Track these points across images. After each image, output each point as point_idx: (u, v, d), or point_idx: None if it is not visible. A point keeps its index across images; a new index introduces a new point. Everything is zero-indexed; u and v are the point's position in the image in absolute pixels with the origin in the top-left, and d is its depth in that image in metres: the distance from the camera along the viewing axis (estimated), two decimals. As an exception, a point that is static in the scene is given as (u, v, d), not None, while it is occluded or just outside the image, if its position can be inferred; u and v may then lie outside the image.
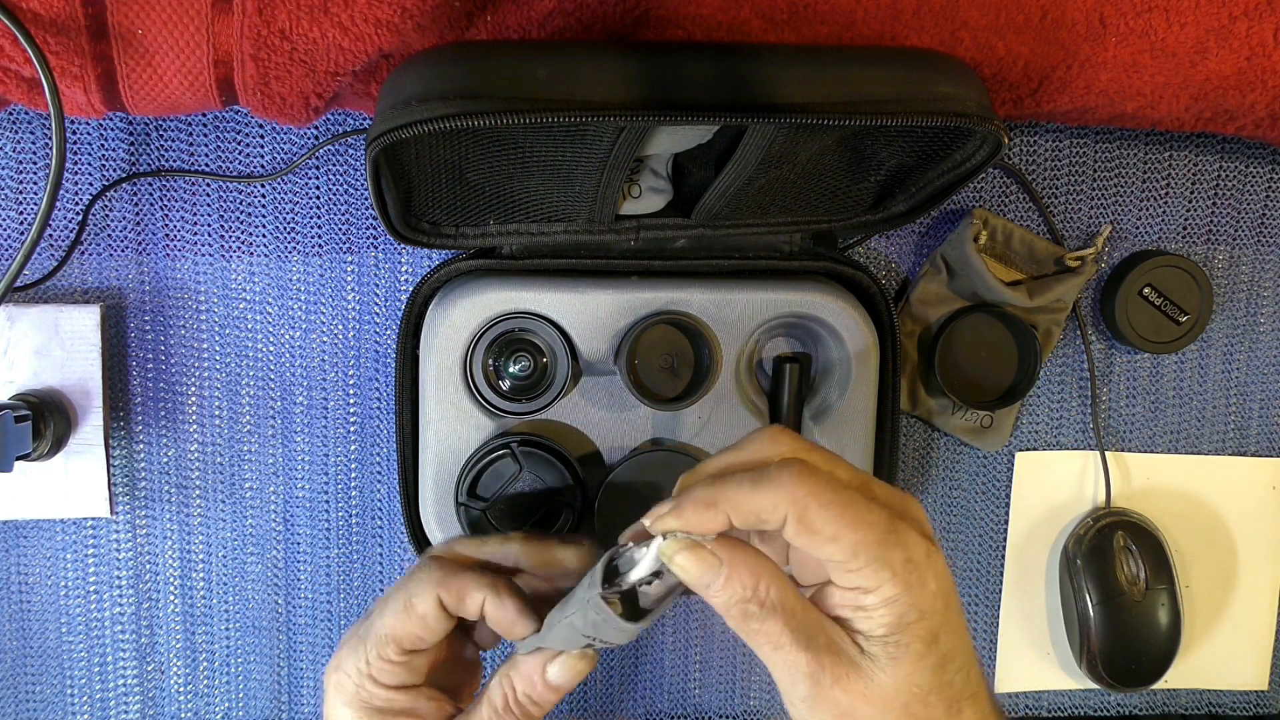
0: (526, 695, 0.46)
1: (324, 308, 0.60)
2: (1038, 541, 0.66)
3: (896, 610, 0.39)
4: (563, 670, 0.46)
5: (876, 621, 0.39)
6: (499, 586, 0.47)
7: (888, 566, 0.38)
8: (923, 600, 0.39)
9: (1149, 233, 0.64)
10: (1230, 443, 0.67)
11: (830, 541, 0.38)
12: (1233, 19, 0.52)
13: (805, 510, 0.38)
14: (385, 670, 0.47)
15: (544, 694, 0.46)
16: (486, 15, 0.50)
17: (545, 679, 0.46)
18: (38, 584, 0.61)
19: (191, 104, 0.50)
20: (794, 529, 0.38)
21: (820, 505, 0.38)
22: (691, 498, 0.40)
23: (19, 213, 0.58)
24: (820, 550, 0.39)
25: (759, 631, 0.39)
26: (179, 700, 0.63)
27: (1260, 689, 0.68)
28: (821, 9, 0.50)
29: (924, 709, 0.39)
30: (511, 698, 0.46)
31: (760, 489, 0.39)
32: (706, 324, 0.55)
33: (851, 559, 0.38)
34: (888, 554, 0.38)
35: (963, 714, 0.40)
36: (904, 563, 0.39)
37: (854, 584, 0.39)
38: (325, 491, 0.62)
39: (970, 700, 0.41)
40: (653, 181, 0.55)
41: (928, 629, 0.39)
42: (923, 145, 0.52)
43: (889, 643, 0.39)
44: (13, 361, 0.57)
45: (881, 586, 0.38)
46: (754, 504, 0.39)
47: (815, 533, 0.38)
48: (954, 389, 0.62)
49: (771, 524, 0.39)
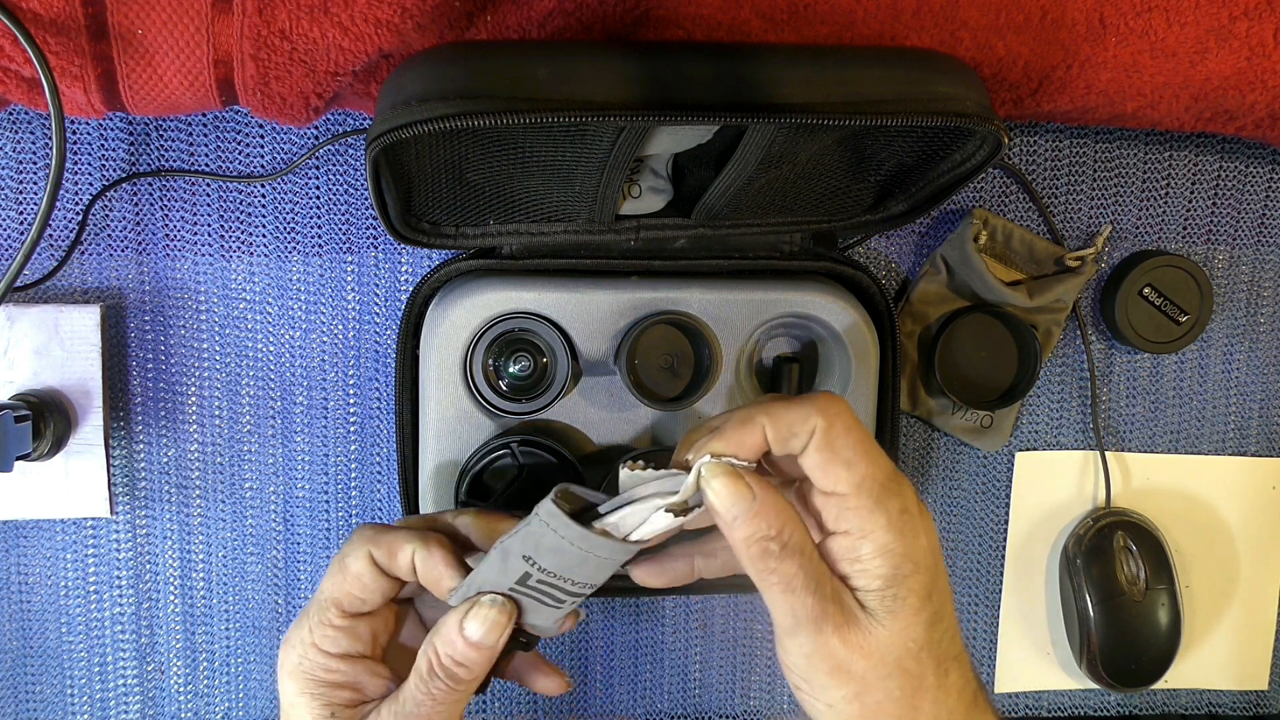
0: (449, 656, 0.44)
1: (324, 308, 0.60)
2: (1038, 541, 0.66)
3: (892, 561, 0.40)
4: (478, 623, 0.43)
5: (874, 573, 0.40)
6: (428, 540, 0.46)
7: (883, 510, 0.40)
8: (916, 552, 0.40)
9: (1149, 233, 0.64)
10: (1230, 443, 0.67)
11: (844, 466, 0.40)
12: (1233, 19, 0.52)
13: (832, 425, 0.40)
14: (328, 637, 0.46)
15: (465, 652, 0.44)
16: (486, 15, 0.50)
17: (464, 636, 0.44)
18: (38, 584, 0.61)
19: (191, 104, 0.50)
20: (818, 442, 0.40)
21: (845, 428, 0.40)
22: (732, 419, 0.41)
23: (19, 213, 0.58)
24: (830, 474, 0.40)
25: (774, 570, 0.40)
26: (179, 700, 0.63)
27: (1260, 689, 0.68)
28: (821, 9, 0.50)
29: (916, 664, 0.40)
30: (435, 661, 0.44)
31: (796, 405, 0.40)
32: (706, 324, 0.55)
33: (855, 492, 0.39)
34: (887, 499, 0.40)
35: (949, 675, 0.41)
36: (900, 511, 0.40)
37: (847, 526, 0.40)
38: (325, 491, 0.62)
39: (955, 661, 0.42)
40: (653, 181, 0.55)
41: (922, 583, 0.40)
42: (923, 145, 0.52)
43: (885, 595, 0.40)
44: (13, 361, 0.57)
45: (875, 531, 0.40)
46: (789, 416, 0.40)
47: (835, 451, 0.40)
48: (954, 389, 0.62)
49: (800, 438, 0.40)
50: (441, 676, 0.44)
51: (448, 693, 0.44)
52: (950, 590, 0.42)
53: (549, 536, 0.41)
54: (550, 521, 0.41)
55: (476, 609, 0.44)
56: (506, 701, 0.65)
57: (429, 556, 0.45)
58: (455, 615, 0.44)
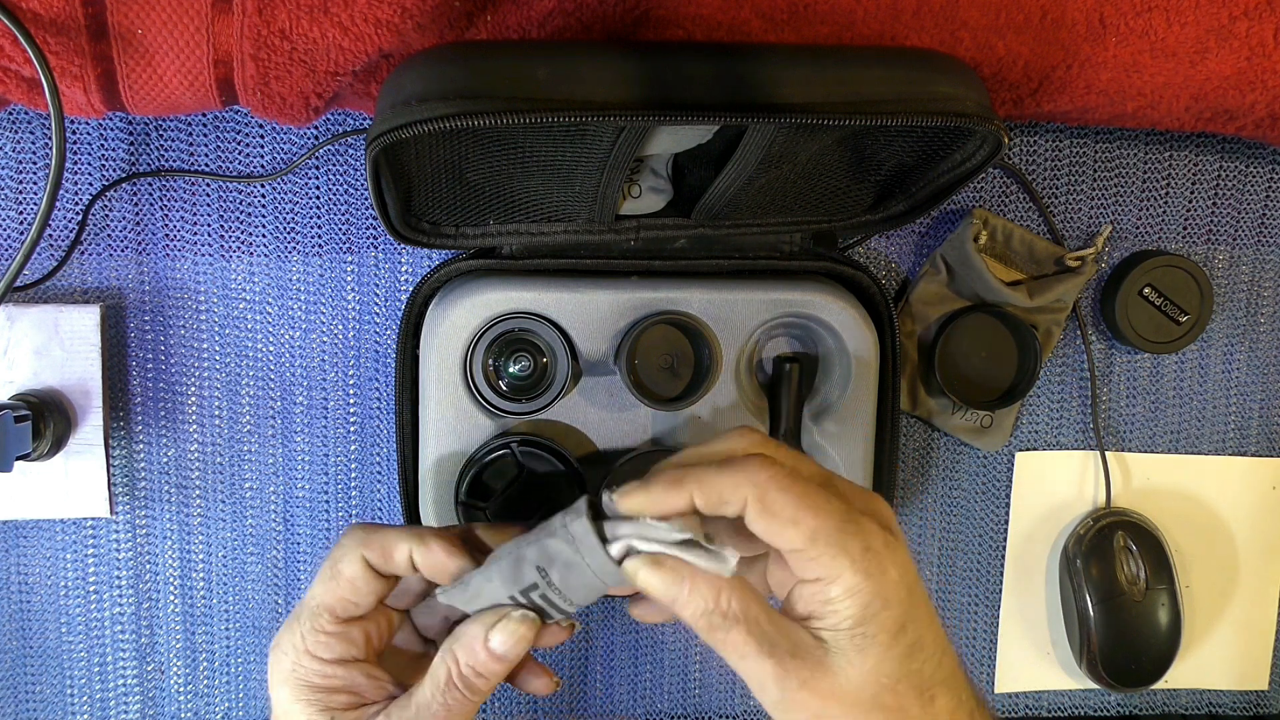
0: (470, 666, 0.43)
1: (324, 308, 0.60)
2: (1038, 541, 0.66)
3: (860, 600, 0.39)
4: (505, 636, 0.43)
5: (843, 614, 0.40)
6: (423, 535, 0.45)
7: (845, 554, 0.39)
8: (885, 588, 0.40)
9: (1149, 233, 0.64)
10: (1230, 443, 0.67)
11: (790, 525, 0.39)
12: (1233, 19, 0.52)
13: (765, 493, 0.39)
14: (321, 643, 0.45)
15: (488, 664, 0.43)
16: (486, 15, 0.50)
17: (488, 648, 0.43)
18: (38, 584, 0.61)
19: (191, 104, 0.50)
20: (754, 511, 0.39)
21: (779, 489, 0.39)
22: (660, 477, 0.41)
23: (19, 213, 0.58)
24: (780, 535, 0.40)
25: (724, 642, 0.40)
26: (179, 700, 0.63)
27: (1260, 689, 0.68)
28: (821, 9, 0.50)
29: (894, 698, 0.40)
30: (455, 671, 0.44)
31: (724, 472, 0.40)
32: (706, 324, 0.55)
33: (810, 545, 0.39)
34: (846, 541, 0.39)
35: (935, 701, 0.41)
36: (863, 550, 0.39)
37: (815, 574, 0.40)
38: (325, 491, 0.62)
39: (942, 686, 0.41)
40: (653, 181, 0.55)
41: (893, 618, 0.40)
42: (923, 145, 0.52)
43: (855, 634, 0.40)
44: (13, 361, 0.57)
45: (842, 575, 0.39)
46: (718, 484, 0.40)
47: (774, 515, 0.39)
48: (954, 389, 0.62)
49: (733, 505, 0.40)
50: (460, 686, 0.44)
51: (463, 703, 0.44)
52: (932, 616, 0.42)
53: (569, 553, 0.41)
54: (580, 541, 0.41)
55: (505, 622, 0.43)
56: (506, 702, 0.65)
57: (427, 550, 0.45)
58: (479, 626, 0.44)
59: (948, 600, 0.66)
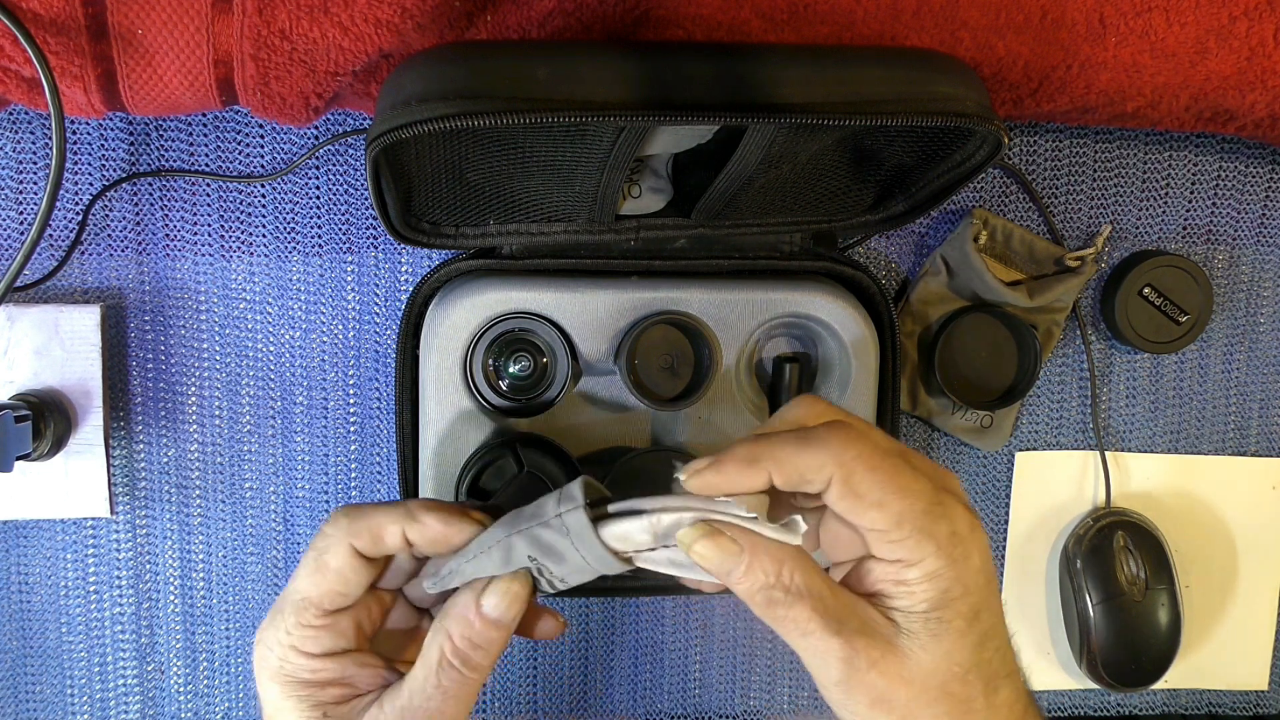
0: (465, 639, 0.41)
1: (324, 308, 0.60)
2: (1038, 541, 0.66)
3: (940, 585, 0.38)
4: (498, 596, 0.40)
5: (919, 597, 0.38)
6: (410, 510, 0.42)
7: (932, 538, 0.37)
8: (966, 575, 0.38)
9: (1149, 233, 0.64)
10: (1230, 443, 0.67)
11: (875, 507, 0.37)
12: (1233, 19, 0.52)
13: (852, 473, 0.37)
14: (308, 637, 0.42)
15: (484, 632, 0.41)
16: (486, 15, 0.50)
17: (481, 614, 0.41)
18: (38, 584, 0.61)
19: (191, 104, 0.50)
20: (839, 491, 0.37)
21: (867, 469, 0.37)
22: (734, 454, 0.38)
23: (19, 213, 0.58)
24: (863, 516, 0.38)
25: (785, 618, 0.38)
26: (179, 700, 0.63)
27: (1260, 689, 0.68)
28: (821, 9, 0.50)
29: (962, 687, 0.38)
30: (449, 647, 0.41)
31: (807, 448, 0.38)
32: (706, 324, 0.55)
33: (895, 528, 0.37)
34: (933, 525, 0.37)
35: (999, 693, 0.39)
36: (949, 535, 0.38)
37: (896, 555, 0.38)
38: (325, 491, 0.62)
39: (1007, 679, 0.40)
40: (653, 181, 0.55)
41: (970, 605, 0.38)
42: (923, 145, 0.52)
43: (931, 619, 0.38)
44: (13, 361, 0.57)
45: (925, 559, 0.37)
46: (800, 462, 0.38)
47: (860, 497, 0.37)
48: (954, 389, 0.62)
49: (815, 484, 0.38)
50: (456, 664, 0.41)
51: (460, 683, 0.42)
52: (1001, 606, 0.40)
53: (563, 545, 0.39)
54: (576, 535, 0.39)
55: (496, 583, 0.41)
56: (506, 701, 0.65)
57: (422, 526, 0.42)
58: (469, 593, 0.41)
59: (948, 600, 0.66)
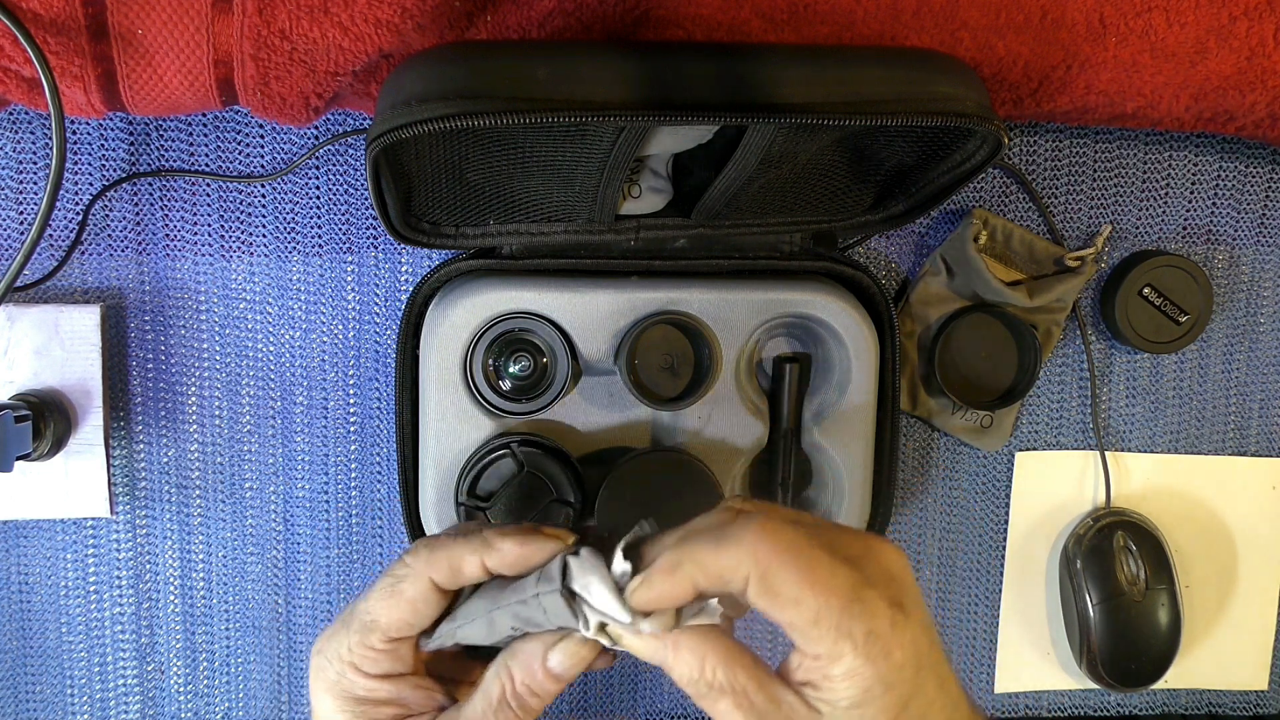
0: (526, 685, 0.43)
1: (324, 308, 0.60)
2: (1038, 541, 0.66)
3: (860, 683, 0.38)
4: (565, 657, 0.42)
5: (841, 693, 0.38)
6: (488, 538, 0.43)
7: (849, 638, 0.38)
8: (888, 673, 0.38)
9: (1149, 233, 0.64)
10: (1230, 443, 0.67)
11: (792, 605, 0.38)
12: (1233, 19, 0.52)
13: (767, 569, 0.38)
14: (369, 659, 0.44)
15: (544, 683, 0.43)
16: (486, 15, 0.50)
17: (546, 668, 0.42)
18: (38, 584, 0.61)
19: (191, 104, 0.50)
20: (756, 590, 0.38)
21: (781, 564, 0.38)
22: (658, 566, 0.39)
23: (19, 213, 0.58)
24: (782, 614, 0.38)
25: (713, 710, 0.40)
26: (179, 700, 0.63)
27: (1260, 689, 0.68)
28: (821, 9, 0.51)
29: None
30: (510, 689, 0.43)
31: (723, 547, 0.38)
32: (706, 324, 0.55)
33: (813, 625, 0.38)
34: (851, 624, 0.38)
35: None
36: (866, 635, 0.38)
37: (816, 651, 0.38)
38: (325, 491, 0.62)
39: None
40: (653, 181, 0.55)
41: (896, 698, 0.38)
42: (922, 145, 0.52)
43: (852, 714, 0.38)
44: (13, 361, 0.57)
45: (843, 658, 0.38)
46: (718, 564, 0.38)
47: (777, 594, 0.38)
48: (954, 389, 0.62)
49: (735, 585, 0.38)
50: (513, 705, 0.43)
51: None
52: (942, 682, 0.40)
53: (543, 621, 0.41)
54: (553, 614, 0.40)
55: (565, 642, 0.42)
56: (506, 701, 0.65)
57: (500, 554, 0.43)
58: (538, 644, 0.43)
59: (948, 600, 0.66)
